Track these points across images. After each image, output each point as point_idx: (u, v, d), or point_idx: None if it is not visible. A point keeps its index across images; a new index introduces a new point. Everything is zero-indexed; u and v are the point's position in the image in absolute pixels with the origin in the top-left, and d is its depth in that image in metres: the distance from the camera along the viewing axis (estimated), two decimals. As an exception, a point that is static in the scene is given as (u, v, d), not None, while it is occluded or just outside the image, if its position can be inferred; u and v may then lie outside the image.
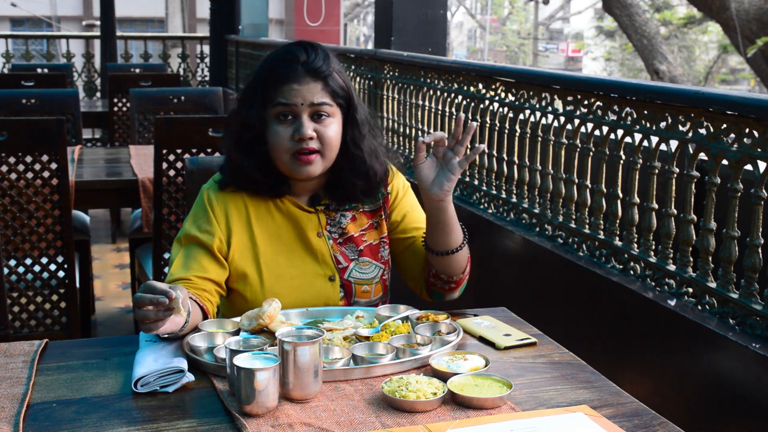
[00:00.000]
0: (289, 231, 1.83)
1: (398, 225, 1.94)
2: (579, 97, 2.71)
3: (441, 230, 1.80)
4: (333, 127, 1.77)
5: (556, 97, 2.86)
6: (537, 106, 2.97)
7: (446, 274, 1.85)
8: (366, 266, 1.87)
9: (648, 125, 2.39)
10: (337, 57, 1.83)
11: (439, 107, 3.72)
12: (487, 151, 1.73)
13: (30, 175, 2.99)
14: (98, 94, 8.73)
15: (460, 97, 3.54)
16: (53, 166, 2.99)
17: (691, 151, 2.23)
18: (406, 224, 1.94)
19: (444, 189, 1.74)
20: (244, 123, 1.79)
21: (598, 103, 2.62)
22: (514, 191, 3.16)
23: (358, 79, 4.58)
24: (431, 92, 3.79)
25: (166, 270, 3.10)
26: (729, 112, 2.08)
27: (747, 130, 2.04)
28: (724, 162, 2.12)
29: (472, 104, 3.43)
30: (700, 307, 2.20)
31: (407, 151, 4.07)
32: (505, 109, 3.19)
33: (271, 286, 1.78)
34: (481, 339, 1.68)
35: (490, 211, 3.29)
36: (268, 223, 1.82)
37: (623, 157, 2.52)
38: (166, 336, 1.57)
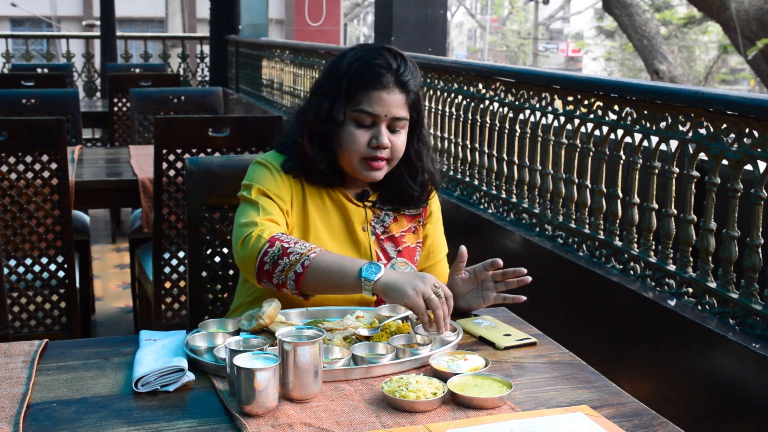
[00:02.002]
0: (338, 220, 1.86)
1: (421, 245, 1.97)
2: (579, 97, 2.71)
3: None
4: (402, 138, 1.81)
5: (556, 97, 2.86)
6: (537, 106, 2.97)
7: None
8: (403, 266, 1.89)
9: (648, 125, 2.39)
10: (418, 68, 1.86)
11: (439, 107, 3.72)
12: (525, 299, 1.76)
13: (30, 175, 2.99)
14: (98, 94, 8.73)
15: (460, 97, 3.54)
16: (53, 166, 2.99)
17: (691, 151, 2.23)
18: (425, 248, 1.97)
19: (470, 308, 1.80)
20: (323, 118, 1.79)
21: (598, 103, 2.62)
22: (514, 191, 3.16)
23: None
24: (431, 92, 3.79)
25: (166, 270, 3.11)
26: (729, 112, 2.08)
27: (747, 130, 2.04)
28: (724, 162, 2.12)
29: (472, 104, 3.43)
30: (700, 307, 2.20)
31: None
32: (505, 109, 3.19)
33: None
34: (481, 339, 1.68)
35: (490, 211, 3.29)
36: (320, 208, 1.84)
37: (623, 157, 2.52)
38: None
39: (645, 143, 2.42)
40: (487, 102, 3.33)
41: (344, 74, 1.78)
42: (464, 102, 3.50)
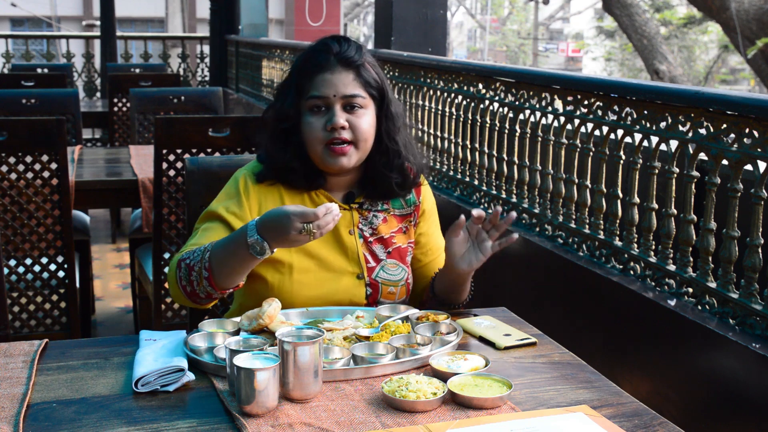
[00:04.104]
0: None
1: (417, 243, 1.96)
2: (579, 97, 2.71)
3: (453, 291, 1.84)
4: (366, 119, 1.79)
5: (556, 97, 2.86)
6: (537, 106, 2.96)
7: (444, 305, 1.89)
8: (393, 268, 1.87)
9: (648, 125, 2.39)
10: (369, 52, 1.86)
11: (439, 107, 3.72)
12: (517, 237, 1.73)
13: (30, 175, 2.99)
14: (98, 94, 8.73)
15: (460, 97, 3.54)
16: (53, 166, 2.99)
17: (691, 151, 2.23)
18: (420, 246, 1.95)
19: (471, 267, 1.75)
20: (279, 114, 1.82)
21: (598, 103, 2.62)
22: (514, 191, 3.16)
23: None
24: (431, 92, 3.79)
25: (166, 270, 3.11)
26: (729, 112, 2.08)
27: (747, 130, 2.04)
28: (724, 162, 2.12)
29: (472, 104, 3.43)
30: (700, 307, 2.20)
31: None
32: (505, 109, 3.19)
33: (299, 276, 1.79)
34: (481, 339, 1.68)
35: (490, 211, 3.29)
36: None
37: (623, 157, 2.52)
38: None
39: (645, 143, 2.42)
40: (487, 102, 3.33)
41: (293, 69, 1.83)
42: (464, 102, 3.50)
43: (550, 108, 2.89)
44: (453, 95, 3.59)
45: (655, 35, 11.69)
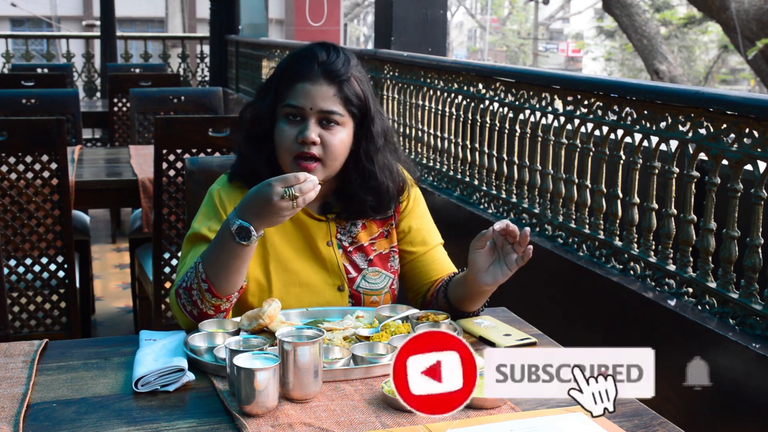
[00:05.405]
0: (299, 239, 1.80)
1: (404, 236, 1.89)
2: (579, 97, 2.71)
3: (471, 301, 1.75)
4: (339, 136, 1.71)
5: (556, 97, 2.86)
6: (537, 106, 2.97)
7: (455, 312, 1.79)
8: (375, 276, 1.84)
9: (648, 125, 2.39)
10: (360, 64, 1.78)
11: (439, 107, 3.72)
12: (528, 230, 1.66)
13: (30, 175, 2.99)
14: (98, 94, 8.73)
15: (460, 97, 3.54)
16: (53, 166, 2.99)
17: (691, 151, 2.23)
18: (411, 238, 1.88)
19: (496, 281, 1.66)
20: (256, 116, 1.77)
21: (598, 103, 2.62)
22: (514, 191, 3.16)
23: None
24: (431, 92, 3.79)
25: (166, 270, 3.11)
26: (729, 112, 2.08)
27: (747, 130, 2.04)
28: (724, 162, 2.12)
29: (472, 104, 3.43)
30: (700, 307, 2.20)
31: (407, 151, 4.07)
32: (505, 109, 3.19)
33: (279, 293, 1.76)
34: (481, 339, 1.68)
35: (490, 211, 3.29)
36: (279, 229, 1.78)
37: (623, 157, 2.52)
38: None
39: (645, 143, 2.42)
40: (487, 102, 3.33)
41: (277, 70, 1.77)
42: (464, 102, 3.50)
43: (550, 108, 2.89)
44: (453, 95, 3.60)
45: (655, 35, 11.70)
